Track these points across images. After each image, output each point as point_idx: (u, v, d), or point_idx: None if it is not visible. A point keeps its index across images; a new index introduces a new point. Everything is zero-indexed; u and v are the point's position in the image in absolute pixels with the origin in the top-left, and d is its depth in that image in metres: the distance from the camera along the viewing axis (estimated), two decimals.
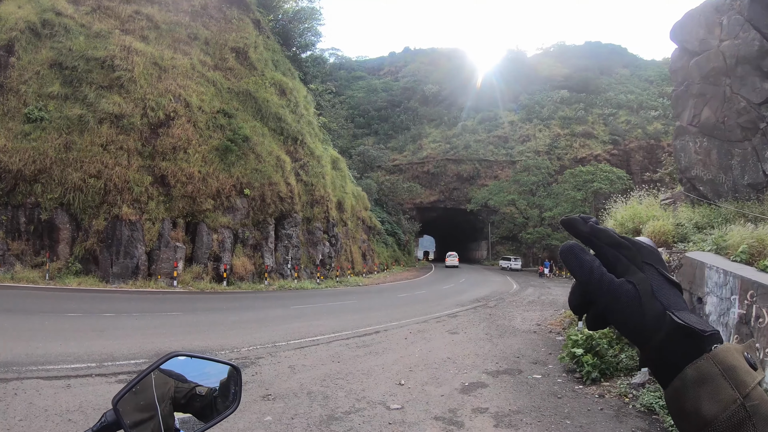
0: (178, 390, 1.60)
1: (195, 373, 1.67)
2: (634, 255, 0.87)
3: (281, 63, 41.76)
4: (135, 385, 1.48)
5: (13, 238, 23.31)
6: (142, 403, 1.50)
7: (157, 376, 1.54)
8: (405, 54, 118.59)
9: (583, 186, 61.52)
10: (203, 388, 1.64)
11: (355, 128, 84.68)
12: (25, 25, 26.75)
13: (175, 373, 1.61)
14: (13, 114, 24.83)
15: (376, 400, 8.78)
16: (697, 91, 15.63)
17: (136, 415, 1.46)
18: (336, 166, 44.60)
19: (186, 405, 1.61)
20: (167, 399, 1.56)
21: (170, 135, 27.25)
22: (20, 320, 13.65)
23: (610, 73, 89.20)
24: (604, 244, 0.88)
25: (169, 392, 1.58)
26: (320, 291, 30.02)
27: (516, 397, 9.35)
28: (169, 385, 1.59)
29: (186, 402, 1.61)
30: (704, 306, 8.09)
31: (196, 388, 1.63)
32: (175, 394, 1.59)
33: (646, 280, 0.83)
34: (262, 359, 11.22)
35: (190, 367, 1.66)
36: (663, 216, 12.77)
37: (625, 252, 0.87)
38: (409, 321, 18.35)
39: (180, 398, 1.60)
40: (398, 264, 59.96)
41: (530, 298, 29.17)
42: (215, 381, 1.71)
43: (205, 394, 1.64)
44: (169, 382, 1.58)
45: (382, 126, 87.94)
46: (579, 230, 0.90)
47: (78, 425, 6.64)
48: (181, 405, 1.60)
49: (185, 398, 1.61)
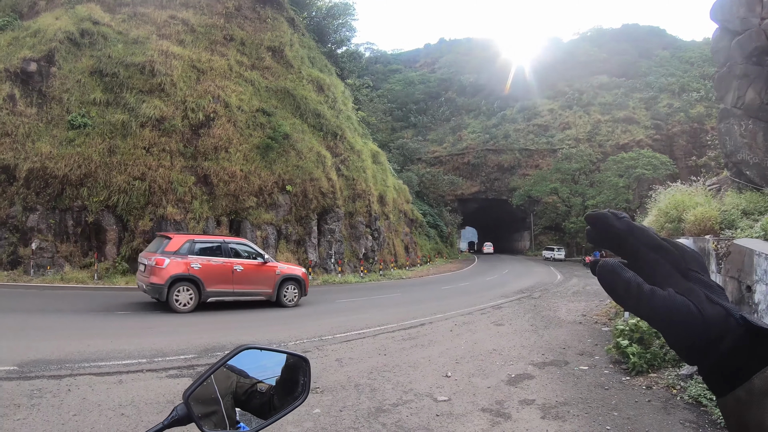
0: (239, 386, 1.61)
1: (260, 364, 1.67)
2: (678, 260, 0.75)
3: (317, 60, 41.95)
4: (206, 379, 1.47)
5: (61, 241, 23.90)
6: (206, 396, 1.50)
7: (224, 373, 1.54)
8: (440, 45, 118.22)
9: (626, 172, 60.18)
10: (264, 385, 1.64)
11: (394, 121, 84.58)
12: (63, 35, 27.37)
13: (237, 368, 1.59)
14: (57, 122, 25.43)
15: (423, 392, 8.68)
16: (740, 71, 15.06)
17: (202, 408, 1.46)
18: (376, 160, 44.58)
19: (245, 402, 1.61)
20: (229, 394, 1.57)
21: (211, 135, 27.61)
22: (71, 319, 13.93)
23: (649, 55, 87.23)
24: (642, 245, 0.77)
25: (231, 386, 1.58)
26: (364, 285, 30.02)
27: (563, 389, 9.16)
28: (232, 379, 1.60)
29: (246, 398, 1.61)
30: (753, 294, 7.79)
31: (258, 385, 1.63)
32: (236, 389, 1.60)
33: (696, 289, 0.72)
34: (308, 353, 11.18)
35: (256, 359, 1.65)
36: (707, 202, 12.38)
37: (667, 256, 0.75)
38: (453, 313, 18.20)
39: (241, 394, 1.60)
40: (441, 256, 59.62)
41: (575, 289, 28.71)
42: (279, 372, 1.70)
43: (265, 391, 1.63)
44: (231, 377, 1.60)
45: (420, 118, 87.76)
46: (612, 227, 0.78)
47: (131, 419, 6.71)
48: (241, 401, 1.60)
49: (245, 395, 1.61)
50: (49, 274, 22.57)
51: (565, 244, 66.22)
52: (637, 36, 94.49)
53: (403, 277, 36.51)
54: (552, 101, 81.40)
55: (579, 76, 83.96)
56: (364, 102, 61.46)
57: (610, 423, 7.53)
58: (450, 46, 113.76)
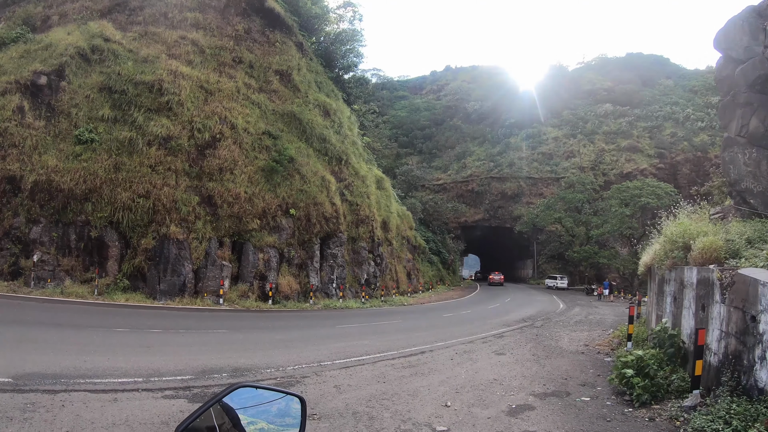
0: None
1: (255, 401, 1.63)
2: None
3: (324, 84, 42.21)
4: (200, 415, 1.42)
5: (63, 255, 23.95)
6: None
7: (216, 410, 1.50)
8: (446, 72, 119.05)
9: (631, 201, 60.08)
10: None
11: (399, 147, 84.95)
12: (74, 50, 27.71)
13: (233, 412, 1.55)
14: (64, 136, 25.63)
15: (422, 421, 8.56)
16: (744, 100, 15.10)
17: None
18: (380, 186, 44.66)
19: None
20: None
21: (217, 156, 27.70)
22: (69, 334, 13.88)
23: (653, 84, 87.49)
24: None
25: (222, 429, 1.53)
26: (365, 310, 29.92)
27: (564, 420, 9.02)
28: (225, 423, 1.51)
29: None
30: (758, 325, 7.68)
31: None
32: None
33: None
34: (307, 378, 11.13)
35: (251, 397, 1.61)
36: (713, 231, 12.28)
37: None
38: (454, 341, 18.06)
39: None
40: (443, 283, 59.46)
41: (577, 318, 28.56)
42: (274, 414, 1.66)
43: None
44: (225, 421, 1.53)
45: (425, 145, 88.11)
46: None
47: None
48: None
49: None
50: (50, 287, 22.59)
51: (568, 272, 65.87)
52: (641, 65, 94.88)
53: (404, 304, 36.40)
54: (557, 129, 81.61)
55: (584, 104, 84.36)
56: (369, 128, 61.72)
57: None
58: (456, 73, 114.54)
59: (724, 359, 8.59)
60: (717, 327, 9.24)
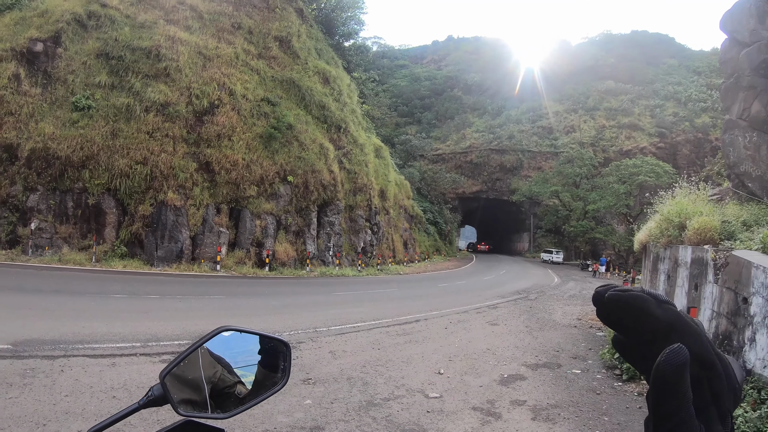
0: (222, 379, 1.57)
1: (239, 346, 1.64)
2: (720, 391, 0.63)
3: (324, 52, 41.86)
4: (182, 360, 1.44)
5: (61, 222, 23.94)
6: (189, 379, 1.47)
7: (204, 356, 1.51)
8: (448, 43, 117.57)
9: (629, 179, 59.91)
10: (244, 389, 1.59)
11: (398, 117, 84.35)
12: (71, 16, 27.32)
13: (219, 357, 1.57)
14: (61, 103, 25.44)
15: (415, 388, 8.72)
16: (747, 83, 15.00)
17: (184, 392, 1.44)
18: (379, 155, 44.58)
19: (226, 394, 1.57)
20: (212, 383, 1.53)
21: (215, 123, 27.54)
22: (67, 301, 13.96)
23: (656, 63, 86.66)
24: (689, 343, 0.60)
25: (215, 376, 1.55)
26: (361, 278, 30.07)
27: (554, 391, 9.20)
28: (217, 369, 1.56)
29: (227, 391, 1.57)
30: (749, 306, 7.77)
31: (238, 386, 1.58)
32: (218, 381, 1.56)
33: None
34: (303, 344, 11.25)
35: (235, 342, 1.62)
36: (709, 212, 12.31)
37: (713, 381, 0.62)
38: (449, 311, 18.24)
39: (222, 387, 1.56)
40: (439, 254, 59.65)
41: (571, 292, 28.79)
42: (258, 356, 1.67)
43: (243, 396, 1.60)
44: (217, 368, 1.55)
45: (425, 115, 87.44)
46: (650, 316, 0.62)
47: (122, 402, 6.71)
48: (223, 393, 1.56)
49: (227, 389, 1.57)
50: (47, 254, 22.61)
51: (563, 247, 66.12)
52: (645, 43, 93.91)
53: (400, 273, 36.58)
54: (558, 104, 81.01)
55: (586, 80, 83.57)
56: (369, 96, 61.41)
57: (600, 428, 7.54)
58: (458, 43, 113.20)
59: (715, 339, 8.69)
60: (709, 307, 9.34)
